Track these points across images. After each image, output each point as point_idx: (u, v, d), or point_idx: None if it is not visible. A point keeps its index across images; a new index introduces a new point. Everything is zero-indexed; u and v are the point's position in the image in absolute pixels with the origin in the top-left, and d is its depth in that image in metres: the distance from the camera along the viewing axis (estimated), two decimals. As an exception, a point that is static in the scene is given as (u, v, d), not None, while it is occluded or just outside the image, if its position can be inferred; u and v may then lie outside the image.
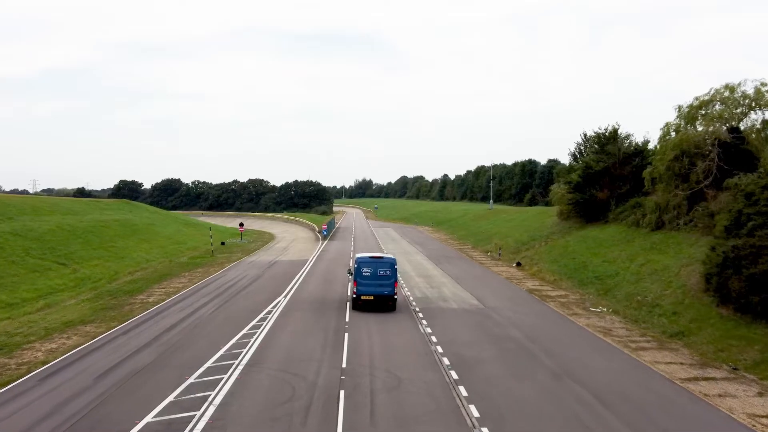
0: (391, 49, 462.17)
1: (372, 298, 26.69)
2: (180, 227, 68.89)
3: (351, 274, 28.51)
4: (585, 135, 70.96)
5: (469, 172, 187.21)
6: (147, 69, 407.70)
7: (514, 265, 44.26)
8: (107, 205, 70.50)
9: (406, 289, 32.96)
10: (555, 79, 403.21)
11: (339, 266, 43.25)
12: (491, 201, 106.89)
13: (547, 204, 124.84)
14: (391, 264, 27.24)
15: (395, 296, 27.00)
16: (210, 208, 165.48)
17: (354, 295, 27.19)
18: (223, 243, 62.34)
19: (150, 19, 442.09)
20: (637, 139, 50.79)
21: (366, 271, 26.81)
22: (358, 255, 28.96)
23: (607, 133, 51.14)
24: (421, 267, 43.37)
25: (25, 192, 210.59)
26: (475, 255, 52.99)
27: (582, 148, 71.86)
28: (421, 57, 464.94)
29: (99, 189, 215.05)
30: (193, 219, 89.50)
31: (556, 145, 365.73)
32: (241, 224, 69.69)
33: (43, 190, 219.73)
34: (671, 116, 61.13)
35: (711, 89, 37.44)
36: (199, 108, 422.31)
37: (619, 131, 51.32)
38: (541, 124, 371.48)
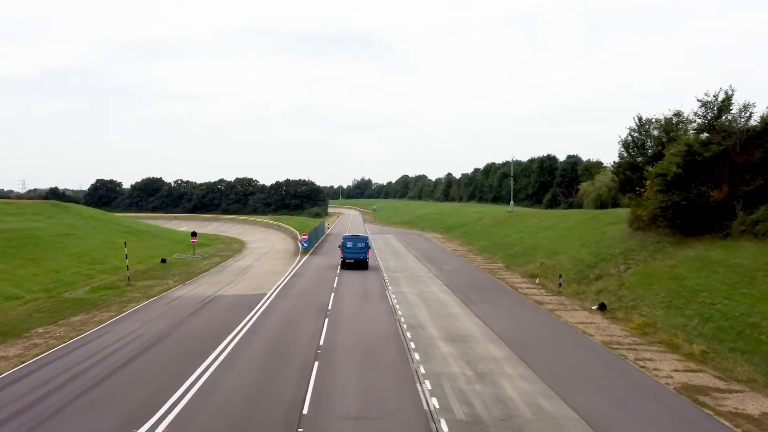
0: (391, 50, 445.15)
1: (353, 261, 41.30)
2: (114, 237, 52.06)
3: (341, 248, 42.05)
4: (640, 119, 54.34)
5: (477, 170, 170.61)
6: (144, 69, 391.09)
7: (595, 307, 27.44)
8: (19, 209, 53.86)
9: (428, 383, 16.13)
10: (557, 78, 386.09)
11: (310, 311, 26.46)
12: (512, 202, 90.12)
13: (571, 205, 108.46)
14: (365, 240, 42.95)
15: (367, 260, 41.85)
16: (194, 209, 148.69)
17: (342, 259, 41.74)
18: (163, 261, 45.53)
19: (149, 19, 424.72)
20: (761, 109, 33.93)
21: (349, 245, 42.05)
22: (344, 234, 47.80)
23: (719, 102, 34.23)
24: (444, 313, 26.51)
25: (10, 192, 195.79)
26: (517, 283, 36.14)
27: (635, 135, 55.01)
28: (421, 57, 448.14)
29: (79, 189, 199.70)
30: (145, 225, 72.49)
31: (560, 143, 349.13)
32: (194, 234, 52.86)
33: (30, 191, 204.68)
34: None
35: None
36: (197, 108, 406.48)
37: (733, 99, 34.59)
38: (544, 123, 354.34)
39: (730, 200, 30.80)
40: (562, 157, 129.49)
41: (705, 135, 34.12)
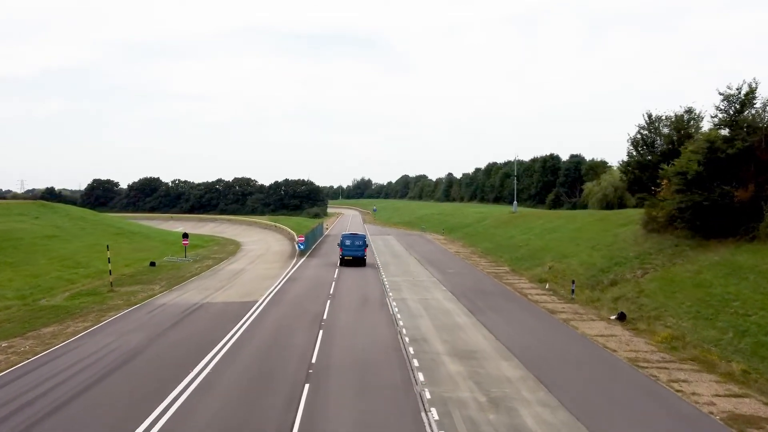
0: (391, 50, 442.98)
1: (351, 258, 42.80)
2: (103, 239, 49.75)
3: (340, 245, 43.80)
4: (650, 116, 52.14)
5: (478, 170, 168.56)
6: (144, 69, 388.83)
7: (614, 317, 25.25)
8: (5, 209, 51.72)
9: (434, 411, 13.96)
10: (557, 78, 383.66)
11: (303, 321, 24.28)
12: (515, 202, 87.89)
13: (575, 206, 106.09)
14: (363, 238, 44.95)
15: (365, 257, 43.34)
16: (191, 209, 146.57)
17: (340, 257, 43.10)
18: (152, 264, 43.36)
19: (149, 19, 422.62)
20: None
21: (347, 243, 43.48)
22: (343, 233, 49.59)
23: (742, 95, 31.98)
24: (449, 324, 24.30)
25: (8, 192, 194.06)
26: (525, 288, 33.95)
27: (644, 132, 52.75)
28: (421, 57, 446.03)
29: (77, 189, 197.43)
30: (137, 226, 70.29)
31: (560, 142, 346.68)
32: (185, 236, 50.72)
33: (27, 191, 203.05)
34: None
35: None
36: (197, 108, 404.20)
37: (757, 92, 32.37)
38: (544, 123, 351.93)
39: (757, 200, 28.65)
40: (563, 157, 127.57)
41: (727, 131, 31.91)
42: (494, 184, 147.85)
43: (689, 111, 46.51)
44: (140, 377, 16.80)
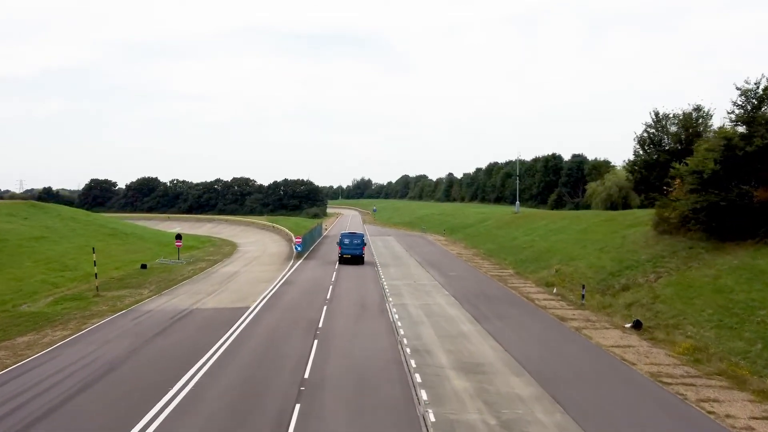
0: (391, 50, 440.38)
1: (350, 256, 43.82)
2: (93, 240, 48.20)
3: (339, 244, 44.90)
4: (657, 114, 50.66)
5: (479, 169, 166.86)
6: (144, 69, 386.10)
7: (629, 325, 23.67)
8: (-8, 209, 50.06)
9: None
10: (557, 78, 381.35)
11: (297, 329, 22.71)
12: (517, 203, 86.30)
13: (578, 206, 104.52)
14: (361, 237, 46.21)
15: (363, 255, 44.52)
16: (190, 209, 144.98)
17: (339, 255, 44.09)
18: (143, 266, 41.78)
19: (149, 19, 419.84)
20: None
21: (346, 241, 44.54)
22: (342, 232, 50.82)
23: (760, 90, 30.37)
24: (453, 332, 22.72)
25: (6, 192, 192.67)
26: (532, 293, 32.35)
27: (651, 131, 51.18)
28: (421, 57, 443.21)
29: (76, 189, 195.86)
30: (131, 227, 68.66)
31: (560, 142, 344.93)
32: (179, 237, 49.13)
33: (26, 191, 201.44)
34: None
35: None
36: (197, 108, 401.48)
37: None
38: (544, 123, 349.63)
39: (778, 201, 27.13)
40: (565, 157, 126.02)
41: (744, 127, 30.37)
42: (495, 184, 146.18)
43: (698, 109, 45.13)
44: (119, 392, 15.27)
